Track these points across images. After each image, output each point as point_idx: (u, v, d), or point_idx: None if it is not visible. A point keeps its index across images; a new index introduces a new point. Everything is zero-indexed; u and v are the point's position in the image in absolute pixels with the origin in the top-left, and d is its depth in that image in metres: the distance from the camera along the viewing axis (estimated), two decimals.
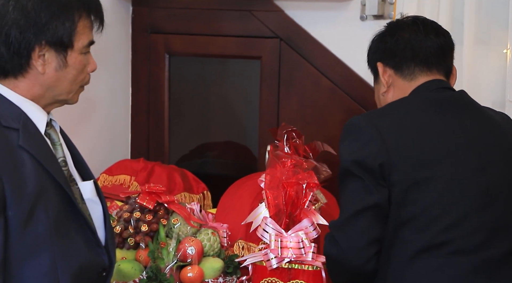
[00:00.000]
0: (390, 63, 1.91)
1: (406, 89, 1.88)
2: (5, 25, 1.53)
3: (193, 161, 3.29)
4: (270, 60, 2.96)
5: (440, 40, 1.89)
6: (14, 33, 1.52)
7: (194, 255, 2.14)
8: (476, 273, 1.70)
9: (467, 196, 1.73)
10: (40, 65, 1.57)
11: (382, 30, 1.97)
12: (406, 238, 1.72)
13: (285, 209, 1.97)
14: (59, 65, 1.59)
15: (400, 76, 1.90)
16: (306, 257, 1.92)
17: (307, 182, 1.98)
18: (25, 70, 1.56)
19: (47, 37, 1.55)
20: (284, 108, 2.96)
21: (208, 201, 2.76)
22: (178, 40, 3.08)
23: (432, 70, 1.88)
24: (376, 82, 1.99)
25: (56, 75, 1.59)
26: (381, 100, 1.96)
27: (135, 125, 3.17)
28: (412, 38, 1.88)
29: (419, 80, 1.87)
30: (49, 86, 1.60)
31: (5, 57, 1.54)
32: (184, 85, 3.26)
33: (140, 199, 2.22)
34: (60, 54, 1.58)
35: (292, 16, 2.91)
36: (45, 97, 1.61)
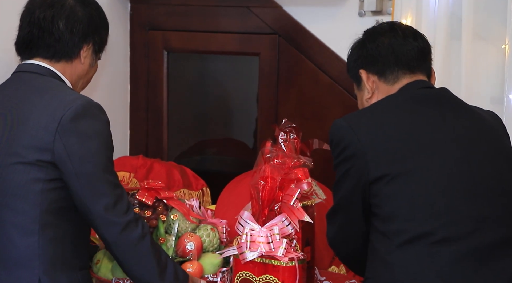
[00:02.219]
0: (373, 69, 1.94)
1: (390, 92, 1.91)
2: (72, 18, 1.93)
3: (192, 157, 3.29)
4: (268, 57, 2.96)
5: (419, 43, 1.92)
6: (79, 27, 1.94)
7: (193, 251, 2.14)
8: (463, 261, 1.71)
9: (451, 187, 1.76)
10: (84, 57, 1.97)
11: (361, 38, 2.00)
12: (392, 230, 1.75)
13: (261, 204, 1.98)
14: (91, 63, 2.00)
15: (384, 81, 1.92)
16: (275, 252, 1.93)
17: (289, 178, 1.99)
18: (74, 57, 1.95)
19: (96, 38, 1.99)
20: (282, 104, 2.96)
21: (207, 198, 2.76)
22: (177, 37, 3.08)
23: (415, 72, 1.91)
24: (359, 89, 2.00)
25: (87, 69, 2.00)
26: (365, 106, 1.97)
27: (133, 122, 3.18)
28: (392, 42, 1.91)
29: (402, 82, 1.90)
30: (80, 76, 1.99)
31: (67, 41, 1.93)
32: (183, 81, 3.27)
33: (139, 195, 2.22)
34: (94, 55, 2.00)
35: (290, 12, 2.91)
36: (74, 86, 1.97)
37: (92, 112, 1.83)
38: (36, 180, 1.79)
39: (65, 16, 1.92)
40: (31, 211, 1.80)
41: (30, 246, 1.80)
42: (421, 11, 2.57)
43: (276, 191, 1.98)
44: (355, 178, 1.81)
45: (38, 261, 1.80)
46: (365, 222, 1.85)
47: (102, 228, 1.84)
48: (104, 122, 1.86)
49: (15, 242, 1.80)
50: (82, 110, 1.80)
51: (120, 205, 1.83)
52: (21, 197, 1.80)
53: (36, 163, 1.79)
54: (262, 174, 1.98)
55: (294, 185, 2.01)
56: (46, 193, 1.80)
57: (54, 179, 1.81)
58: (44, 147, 1.78)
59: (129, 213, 1.85)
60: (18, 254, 1.81)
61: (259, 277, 1.96)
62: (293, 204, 1.98)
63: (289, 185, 2.01)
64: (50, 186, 1.81)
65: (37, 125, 1.80)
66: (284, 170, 2.00)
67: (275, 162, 2.02)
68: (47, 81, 1.90)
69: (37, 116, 1.81)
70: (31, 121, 1.81)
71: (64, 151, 1.78)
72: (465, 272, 1.72)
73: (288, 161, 2.03)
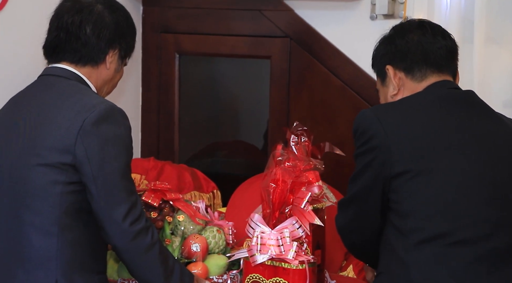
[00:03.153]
0: (401, 66, 1.92)
1: (416, 89, 1.90)
2: (100, 24, 1.96)
3: (203, 160, 3.30)
4: (280, 60, 2.96)
5: (447, 42, 1.92)
6: (105, 32, 1.97)
7: (199, 252, 2.14)
8: (479, 263, 1.71)
9: (472, 189, 1.75)
10: (109, 62, 1.99)
11: (390, 33, 1.97)
12: (409, 227, 1.75)
13: (272, 207, 1.98)
14: (117, 68, 2.03)
15: (411, 78, 1.91)
16: (285, 255, 1.93)
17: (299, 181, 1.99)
18: (100, 62, 1.98)
19: (123, 44, 2.02)
20: (294, 107, 2.96)
21: (218, 200, 2.77)
22: (189, 40, 3.09)
23: (443, 71, 1.91)
24: (383, 85, 1.99)
25: (113, 75, 2.03)
26: None
27: (145, 124, 3.19)
28: (421, 40, 1.90)
29: (430, 80, 1.89)
30: (106, 81, 2.01)
31: (93, 45, 1.95)
32: (194, 84, 3.27)
33: (145, 196, 2.23)
34: (120, 60, 2.03)
35: (302, 16, 2.91)
36: (99, 91, 2.01)
37: (114, 117, 1.85)
38: (56, 182, 1.81)
39: (93, 21, 1.94)
40: (50, 213, 1.81)
41: (48, 248, 1.81)
42: (433, 14, 2.57)
43: (287, 194, 1.99)
44: (377, 171, 1.80)
45: (55, 263, 1.81)
46: (381, 215, 1.84)
47: (113, 235, 1.84)
48: (126, 127, 1.88)
49: (34, 243, 1.82)
50: (105, 114, 1.82)
51: (133, 213, 1.83)
52: (41, 198, 1.82)
53: (57, 166, 1.81)
54: (273, 177, 1.99)
55: (305, 188, 2.01)
56: (65, 196, 1.82)
57: (74, 182, 1.82)
58: (66, 149, 1.80)
59: (141, 221, 1.85)
60: (37, 255, 1.82)
61: (269, 279, 1.96)
62: (304, 207, 1.98)
63: (300, 188, 2.01)
64: (70, 188, 1.82)
65: (60, 127, 1.81)
66: (295, 173, 2.01)
67: (286, 165, 2.02)
68: (72, 85, 1.92)
69: (61, 118, 1.82)
70: (54, 123, 1.82)
71: (84, 153, 1.80)
72: (478, 274, 1.71)
73: (299, 164, 2.03)
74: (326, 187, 2.45)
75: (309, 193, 1.99)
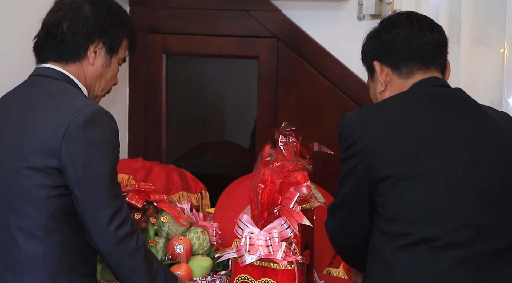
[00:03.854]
0: (387, 62, 1.91)
1: (403, 86, 1.89)
2: (77, 19, 1.93)
3: (190, 161, 3.29)
4: (267, 60, 2.97)
5: (435, 36, 1.89)
6: (82, 27, 1.92)
7: (182, 254, 2.14)
8: (464, 266, 1.71)
9: (458, 192, 1.75)
10: (92, 57, 1.95)
11: (377, 27, 1.96)
12: (395, 231, 1.75)
13: (260, 207, 1.98)
14: (105, 63, 1.98)
15: (398, 75, 1.90)
16: (274, 255, 1.93)
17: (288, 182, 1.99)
18: (81, 57, 1.94)
19: (105, 37, 1.96)
20: (281, 108, 2.96)
21: (206, 201, 2.76)
22: (176, 40, 3.08)
23: (429, 67, 1.89)
24: (371, 80, 1.98)
25: (101, 70, 1.98)
26: (378, 99, 1.96)
27: (132, 125, 3.17)
28: (408, 35, 1.88)
29: (416, 77, 1.88)
30: (94, 77, 1.97)
31: (69, 44, 1.92)
32: (182, 85, 3.27)
33: (129, 197, 2.21)
34: (108, 55, 1.98)
35: (289, 16, 2.91)
36: (91, 89, 1.99)
37: (101, 120, 1.82)
38: (42, 185, 1.79)
39: (70, 18, 1.92)
40: (36, 216, 1.80)
41: (35, 251, 1.80)
42: None
43: (276, 195, 1.98)
44: (362, 175, 1.79)
45: (43, 266, 1.80)
46: (370, 218, 1.84)
47: (98, 239, 1.82)
48: (112, 131, 1.85)
49: (21, 246, 1.80)
50: (91, 117, 1.80)
51: (118, 218, 1.81)
52: (27, 202, 1.80)
53: (43, 169, 1.79)
54: (262, 177, 1.98)
55: (293, 189, 2.01)
56: (52, 199, 1.80)
57: (60, 185, 1.81)
58: (51, 153, 1.78)
59: (126, 225, 1.83)
60: (24, 259, 1.81)
61: (258, 280, 1.96)
62: (293, 208, 1.98)
63: (289, 188, 2.01)
64: (56, 192, 1.80)
65: (45, 131, 1.79)
66: (283, 173, 2.00)
67: (275, 165, 2.02)
68: (60, 86, 1.89)
69: (47, 121, 1.80)
70: (40, 127, 1.81)
71: (69, 157, 1.78)
72: (463, 277, 1.72)
73: (287, 164, 2.03)
74: (314, 188, 2.45)
75: (297, 193, 1.98)
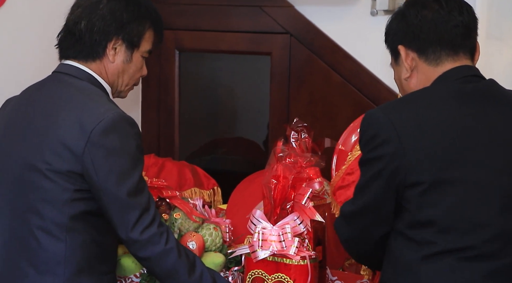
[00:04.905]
0: (413, 46, 1.78)
1: (431, 74, 1.76)
2: (94, 17, 1.89)
3: (203, 157, 3.29)
4: (280, 56, 2.96)
5: (464, 18, 1.76)
6: (99, 25, 1.89)
7: (195, 250, 2.14)
8: (493, 277, 1.63)
9: (488, 200, 1.64)
10: (111, 54, 1.92)
11: (402, 8, 1.82)
12: (422, 238, 1.65)
13: (273, 203, 1.98)
14: (126, 59, 1.94)
15: (425, 61, 1.77)
16: (287, 251, 1.93)
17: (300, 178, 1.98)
18: (100, 56, 1.91)
19: (124, 33, 1.91)
20: (294, 103, 2.96)
21: (218, 197, 2.76)
22: (188, 36, 3.09)
23: (458, 53, 1.76)
24: (396, 64, 1.84)
25: (122, 66, 1.95)
26: (403, 85, 1.84)
27: (145, 121, 3.18)
28: (435, 17, 1.75)
29: (446, 65, 1.76)
30: (116, 74, 1.94)
31: (87, 42, 1.90)
32: (194, 81, 3.27)
33: None
34: (129, 50, 1.94)
35: (302, 12, 2.91)
36: (113, 85, 1.96)
37: (122, 126, 1.81)
38: (65, 189, 1.79)
39: (88, 15, 1.90)
40: (58, 218, 1.80)
41: (56, 251, 1.80)
42: None
43: (288, 190, 1.98)
44: (389, 180, 1.66)
45: (64, 267, 1.81)
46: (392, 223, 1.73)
47: (126, 243, 1.84)
48: (134, 137, 1.83)
49: (43, 244, 1.81)
50: (112, 124, 1.79)
51: (142, 221, 1.81)
52: (49, 203, 1.80)
53: (66, 174, 1.79)
54: (274, 173, 1.98)
55: (305, 184, 2.00)
56: (74, 202, 1.80)
57: (83, 189, 1.81)
58: (75, 159, 1.78)
59: (151, 228, 1.81)
60: (46, 257, 1.81)
61: (271, 275, 1.95)
62: (305, 204, 1.97)
63: (301, 184, 2.01)
64: (79, 195, 1.81)
65: (68, 136, 1.79)
66: (296, 169, 2.00)
67: (287, 161, 2.02)
68: (82, 88, 1.88)
69: (69, 126, 1.79)
70: (63, 131, 1.80)
71: (91, 165, 1.77)
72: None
73: (300, 160, 2.02)
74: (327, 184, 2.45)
75: (310, 189, 1.98)
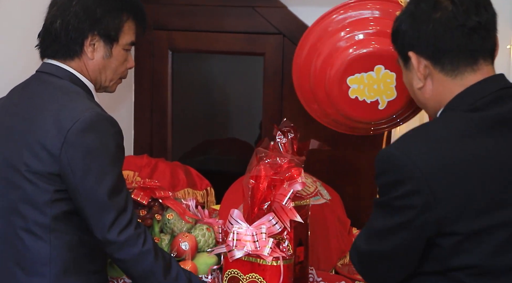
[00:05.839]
0: (426, 55, 1.60)
1: (450, 86, 1.59)
2: (67, 15, 1.86)
3: (196, 158, 3.29)
4: (273, 57, 2.96)
5: (482, 18, 1.58)
6: (73, 22, 1.86)
7: (188, 251, 2.14)
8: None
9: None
10: (90, 51, 1.89)
11: (411, 9, 1.63)
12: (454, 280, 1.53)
13: (250, 203, 1.98)
14: (105, 54, 1.92)
15: (441, 71, 1.60)
16: (261, 251, 1.93)
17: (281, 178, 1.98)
18: (78, 54, 1.88)
19: (99, 29, 1.88)
20: (287, 104, 2.96)
21: (211, 198, 2.76)
22: (182, 37, 3.08)
23: (477, 60, 1.58)
24: (406, 68, 1.67)
25: (102, 62, 1.92)
26: (417, 95, 1.67)
27: (138, 121, 3.18)
28: (449, 21, 1.57)
29: (466, 77, 1.58)
30: (97, 70, 1.91)
31: (63, 41, 1.87)
32: (188, 81, 3.27)
33: (134, 194, 2.21)
34: (107, 45, 1.91)
35: (295, 12, 2.91)
36: (96, 81, 1.94)
37: (100, 125, 1.78)
38: (45, 190, 1.79)
39: (61, 13, 1.87)
40: (41, 219, 1.79)
41: (41, 252, 1.80)
42: None
43: (266, 190, 1.98)
44: (417, 231, 1.51)
45: (49, 268, 1.80)
46: None
47: (102, 244, 1.82)
48: (113, 136, 1.80)
49: (28, 245, 1.81)
50: (90, 123, 1.76)
51: (119, 222, 1.79)
52: (30, 204, 1.79)
53: (45, 175, 1.78)
54: (253, 174, 1.98)
55: (287, 185, 1.99)
56: (55, 203, 1.80)
57: (63, 189, 1.80)
58: (52, 159, 1.77)
59: (128, 230, 1.80)
60: (32, 257, 1.81)
61: (246, 275, 1.96)
62: (285, 204, 1.96)
63: (282, 184, 1.99)
64: (60, 196, 1.80)
65: (46, 136, 1.78)
66: (275, 169, 2.00)
67: (267, 161, 2.01)
68: (62, 87, 1.86)
69: (48, 126, 1.78)
70: (42, 131, 1.79)
71: (68, 165, 1.76)
72: None
73: (280, 160, 2.02)
74: (320, 184, 2.45)
75: (291, 189, 1.97)
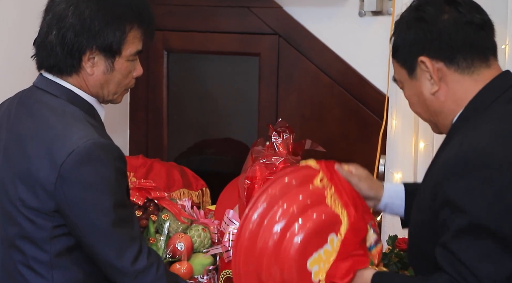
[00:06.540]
0: (441, 56, 1.57)
1: (469, 84, 1.57)
2: (63, 27, 1.66)
3: (191, 158, 3.29)
4: (268, 57, 2.96)
5: (484, 16, 1.60)
6: (70, 36, 1.66)
7: (183, 251, 2.13)
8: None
9: None
10: (89, 67, 1.69)
11: (414, 15, 1.61)
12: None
13: (245, 203, 1.97)
14: (106, 69, 1.71)
15: (456, 70, 1.57)
16: None
17: None
18: (76, 70, 1.69)
19: (98, 43, 1.67)
20: (282, 104, 2.96)
21: (207, 198, 2.76)
22: (177, 37, 3.08)
23: (489, 57, 1.60)
24: (411, 77, 1.63)
25: (103, 78, 1.72)
26: (429, 101, 1.62)
27: (133, 122, 3.17)
28: (458, 19, 1.57)
29: (482, 73, 1.58)
30: (99, 86, 1.72)
31: (59, 56, 1.68)
32: (183, 82, 3.26)
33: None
34: (108, 59, 1.70)
35: (290, 13, 2.91)
36: (98, 96, 1.74)
37: (96, 156, 1.61)
38: (42, 227, 1.66)
39: (56, 23, 1.67)
40: (40, 256, 1.68)
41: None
42: None
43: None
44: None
45: None
46: None
47: (113, 277, 1.72)
48: (112, 163, 1.64)
49: (30, 281, 1.69)
50: (85, 155, 1.60)
51: (128, 253, 1.67)
52: (28, 241, 1.68)
53: (41, 211, 1.65)
54: (248, 174, 1.97)
55: None
56: (55, 239, 1.67)
57: (62, 225, 1.67)
58: (47, 196, 1.63)
59: (140, 261, 1.68)
60: None
61: None
62: None
63: None
64: (60, 231, 1.67)
65: (39, 168, 1.63)
66: (271, 169, 1.99)
67: (262, 161, 2.01)
68: (56, 108, 1.69)
69: (40, 157, 1.63)
70: (34, 162, 1.64)
71: (64, 200, 1.62)
72: None
73: (275, 160, 2.01)
74: None
75: None
